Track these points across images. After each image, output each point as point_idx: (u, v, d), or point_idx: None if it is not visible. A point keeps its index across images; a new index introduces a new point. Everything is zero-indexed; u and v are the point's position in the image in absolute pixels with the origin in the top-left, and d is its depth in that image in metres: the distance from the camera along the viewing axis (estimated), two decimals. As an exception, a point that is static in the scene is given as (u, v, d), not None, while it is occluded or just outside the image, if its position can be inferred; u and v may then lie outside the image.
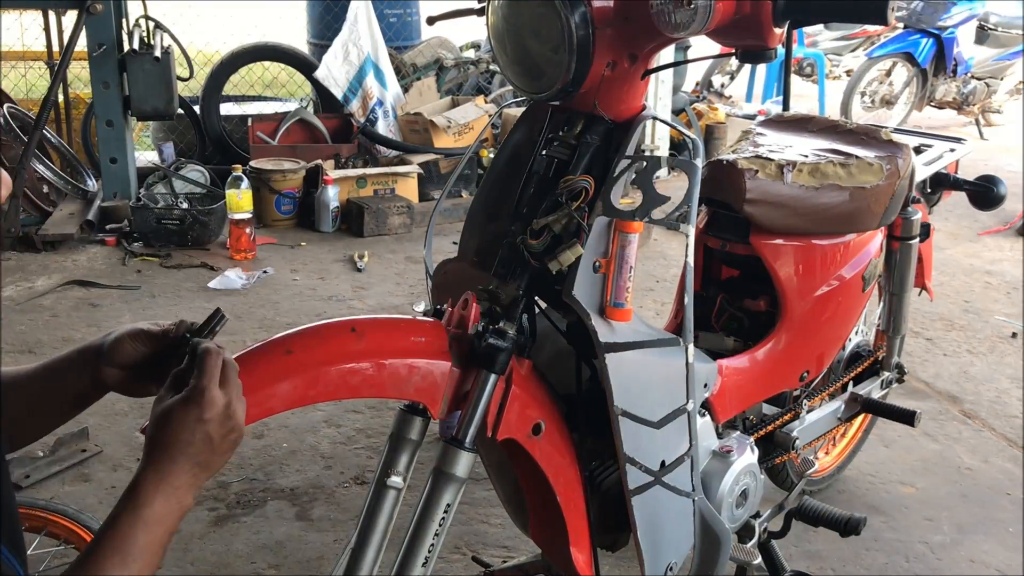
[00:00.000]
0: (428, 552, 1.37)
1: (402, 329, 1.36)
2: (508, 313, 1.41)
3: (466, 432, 1.36)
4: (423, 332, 1.36)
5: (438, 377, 1.35)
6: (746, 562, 1.76)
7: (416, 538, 1.37)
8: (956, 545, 2.34)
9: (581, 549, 1.56)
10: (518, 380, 1.42)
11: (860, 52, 7.95)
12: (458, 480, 1.36)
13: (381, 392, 1.31)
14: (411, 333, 1.35)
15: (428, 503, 1.37)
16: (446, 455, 1.37)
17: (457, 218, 4.55)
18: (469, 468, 1.37)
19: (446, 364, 1.35)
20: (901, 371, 2.37)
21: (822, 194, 1.86)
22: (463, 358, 1.37)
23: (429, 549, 1.37)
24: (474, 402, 1.36)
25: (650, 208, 1.38)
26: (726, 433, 1.79)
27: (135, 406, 2.86)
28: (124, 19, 4.39)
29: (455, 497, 1.37)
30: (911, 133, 2.55)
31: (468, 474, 1.37)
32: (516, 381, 1.41)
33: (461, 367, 1.37)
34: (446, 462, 1.36)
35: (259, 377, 1.19)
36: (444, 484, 1.36)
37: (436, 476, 1.37)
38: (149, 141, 5.61)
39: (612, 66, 1.38)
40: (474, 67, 5.74)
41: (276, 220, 4.63)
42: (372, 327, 1.32)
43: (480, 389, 1.36)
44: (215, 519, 2.34)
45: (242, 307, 3.66)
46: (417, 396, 1.34)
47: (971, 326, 3.69)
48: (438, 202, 1.93)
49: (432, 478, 1.38)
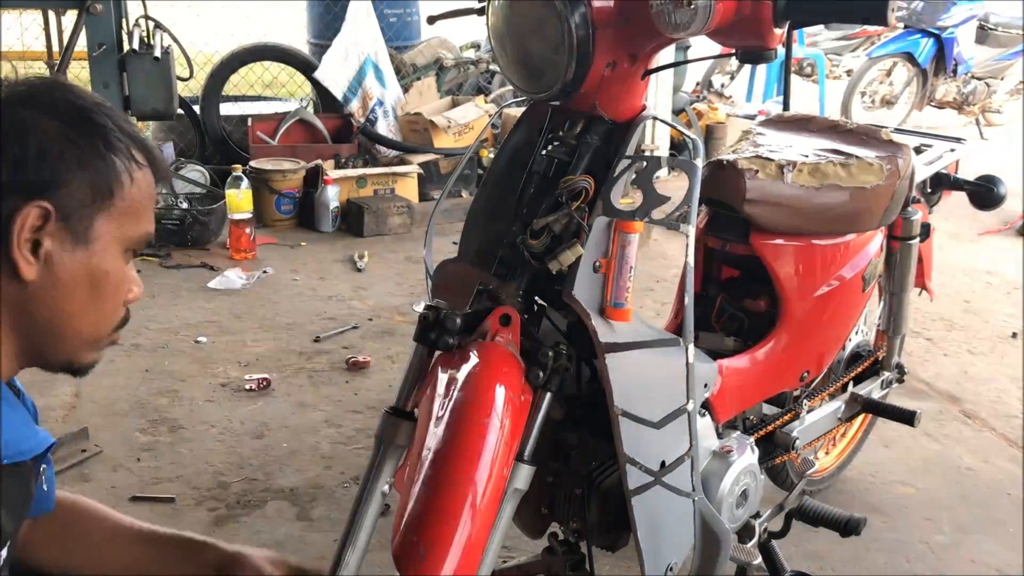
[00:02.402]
0: (505, 563, 1.36)
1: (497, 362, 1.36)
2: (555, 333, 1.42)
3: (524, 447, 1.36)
4: (511, 378, 1.36)
5: (520, 408, 1.36)
6: (746, 562, 1.75)
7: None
8: (956, 545, 2.34)
9: None
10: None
11: (860, 52, 7.95)
12: (520, 492, 1.36)
13: None
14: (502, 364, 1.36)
15: (498, 518, 1.34)
16: (513, 470, 1.35)
17: (457, 218, 4.54)
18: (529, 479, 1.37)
19: (528, 398, 1.37)
20: (901, 371, 2.37)
21: (822, 194, 1.86)
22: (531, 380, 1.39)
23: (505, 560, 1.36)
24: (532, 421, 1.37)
25: (650, 208, 1.38)
26: (726, 433, 1.79)
27: (135, 406, 2.87)
28: (124, 19, 4.38)
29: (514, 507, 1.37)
30: (911, 133, 2.55)
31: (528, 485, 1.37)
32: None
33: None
34: (513, 478, 1.35)
35: None
36: (510, 499, 1.35)
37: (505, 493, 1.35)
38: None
39: (612, 66, 1.38)
40: (474, 67, 5.74)
41: (276, 220, 4.63)
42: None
43: (539, 408, 1.38)
44: (215, 519, 2.34)
45: (242, 307, 3.66)
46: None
47: (971, 326, 3.69)
48: (438, 202, 1.93)
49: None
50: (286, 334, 3.42)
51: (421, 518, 1.25)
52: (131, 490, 2.43)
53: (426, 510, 1.25)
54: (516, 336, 1.39)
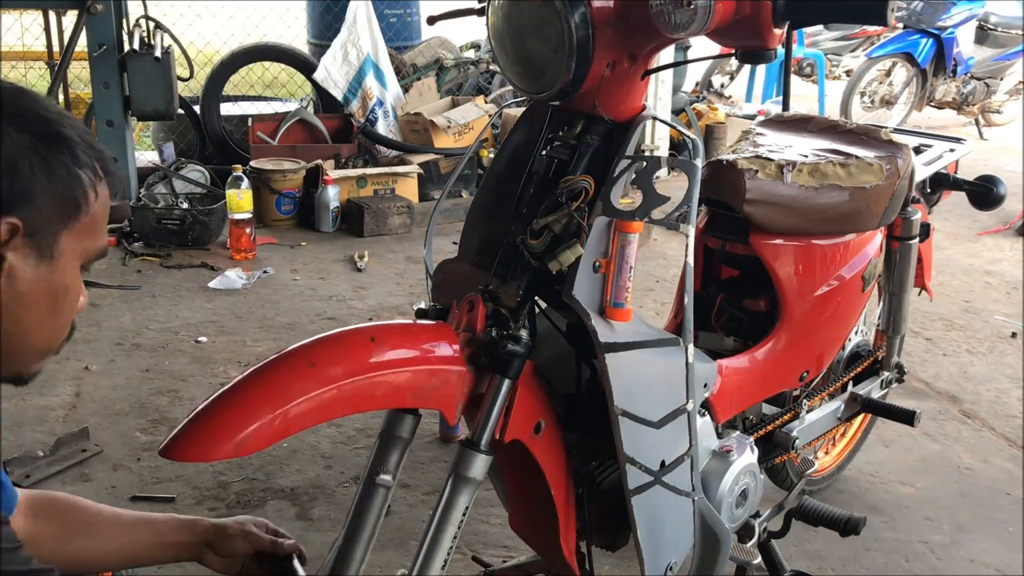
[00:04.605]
0: (447, 554, 1.38)
1: (416, 335, 1.36)
2: (515, 316, 1.41)
3: (481, 436, 1.37)
4: (436, 337, 1.37)
5: (455, 384, 1.36)
6: (746, 562, 1.76)
7: (436, 541, 1.37)
8: (956, 545, 2.34)
9: (568, 542, 1.59)
10: (523, 381, 1.42)
11: (860, 52, 7.95)
12: (475, 482, 1.38)
13: (402, 402, 1.32)
14: (425, 339, 1.36)
15: (447, 506, 1.37)
16: (463, 458, 1.37)
17: (457, 218, 4.55)
18: (485, 470, 1.38)
19: (462, 370, 1.36)
20: (901, 371, 2.37)
21: (822, 194, 1.86)
22: (476, 362, 1.38)
23: (448, 551, 1.38)
24: (488, 407, 1.37)
25: (650, 208, 1.39)
26: (726, 433, 1.79)
27: (136, 406, 2.87)
28: (124, 19, 4.39)
29: (471, 499, 1.38)
30: (911, 133, 2.55)
31: (484, 476, 1.38)
32: (521, 382, 1.42)
33: (475, 372, 1.38)
34: (463, 465, 1.37)
35: (286, 395, 1.18)
36: (462, 487, 1.37)
37: (455, 480, 1.37)
38: (149, 141, 5.61)
39: (612, 66, 1.38)
40: (474, 67, 5.74)
41: (276, 220, 4.64)
42: (388, 335, 1.32)
43: (495, 394, 1.37)
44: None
45: (242, 307, 3.66)
46: (436, 404, 1.35)
47: (971, 326, 3.69)
48: (438, 202, 1.93)
49: (451, 482, 1.38)
50: (286, 334, 3.42)
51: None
52: (131, 490, 2.43)
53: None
54: (479, 321, 1.40)
